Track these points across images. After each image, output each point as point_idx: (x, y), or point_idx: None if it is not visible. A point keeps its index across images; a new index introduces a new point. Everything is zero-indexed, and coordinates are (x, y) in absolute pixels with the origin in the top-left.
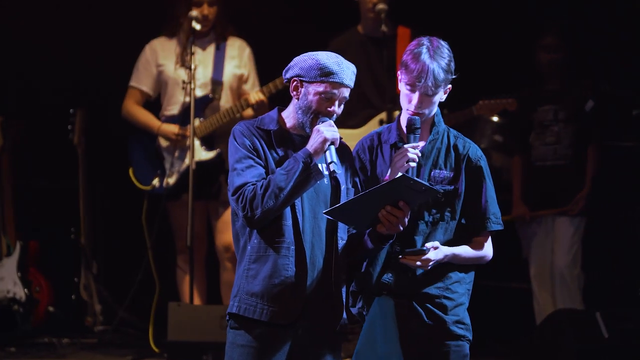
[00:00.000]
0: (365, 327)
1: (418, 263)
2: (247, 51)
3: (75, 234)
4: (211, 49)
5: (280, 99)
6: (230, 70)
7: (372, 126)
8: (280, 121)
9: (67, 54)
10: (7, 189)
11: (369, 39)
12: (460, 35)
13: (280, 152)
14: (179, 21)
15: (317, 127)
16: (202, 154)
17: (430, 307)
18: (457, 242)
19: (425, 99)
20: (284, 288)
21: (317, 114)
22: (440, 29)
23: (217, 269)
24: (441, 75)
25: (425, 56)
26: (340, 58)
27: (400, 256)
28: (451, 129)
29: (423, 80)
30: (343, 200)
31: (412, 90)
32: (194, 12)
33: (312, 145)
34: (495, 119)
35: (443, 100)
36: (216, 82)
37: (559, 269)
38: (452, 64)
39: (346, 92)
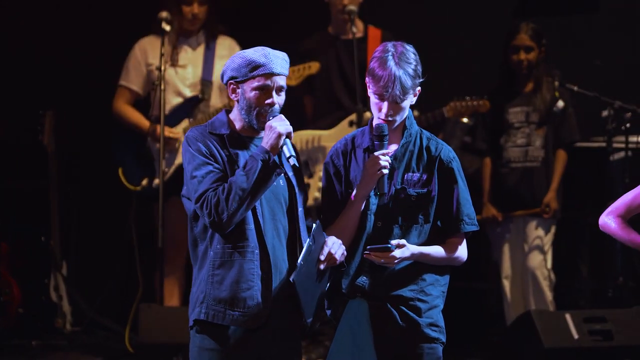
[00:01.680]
0: (339, 330)
1: (382, 260)
2: (236, 50)
3: (45, 236)
4: (201, 48)
5: None
6: (220, 69)
7: (342, 127)
8: (231, 124)
9: (37, 54)
10: None
11: (339, 40)
12: (430, 36)
13: (235, 155)
14: (169, 20)
15: (269, 123)
16: None
17: (404, 309)
18: (432, 245)
19: (395, 106)
20: (251, 293)
21: (259, 109)
22: (411, 29)
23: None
24: (408, 82)
25: (391, 64)
26: (267, 49)
27: (365, 252)
28: (424, 131)
29: (390, 90)
30: (298, 200)
31: (381, 99)
32: (164, 14)
33: (267, 142)
34: (465, 120)
35: (413, 102)
36: (206, 82)
37: (531, 269)
38: (419, 68)
39: (281, 81)
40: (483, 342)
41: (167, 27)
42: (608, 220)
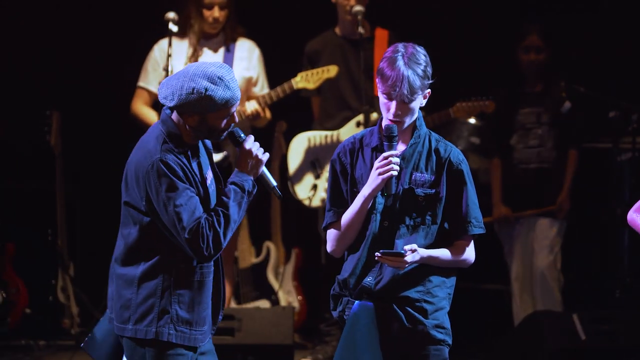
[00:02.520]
0: (346, 331)
1: (390, 263)
2: (256, 53)
3: (53, 236)
4: (221, 51)
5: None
6: (239, 72)
7: (349, 128)
8: (184, 135)
9: (44, 55)
10: None
11: (346, 41)
12: (438, 36)
13: (197, 170)
14: (190, 22)
15: (248, 147)
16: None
17: (411, 310)
18: (439, 246)
19: (403, 106)
20: (208, 312)
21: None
22: (418, 30)
23: None
24: (417, 82)
25: (400, 63)
26: None
27: (377, 254)
28: (433, 133)
29: (398, 89)
30: None
31: (390, 99)
32: (171, 14)
33: (250, 170)
34: (472, 120)
35: (423, 105)
36: None
37: (540, 269)
38: (429, 69)
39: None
40: (490, 342)
41: (175, 28)
42: (636, 216)
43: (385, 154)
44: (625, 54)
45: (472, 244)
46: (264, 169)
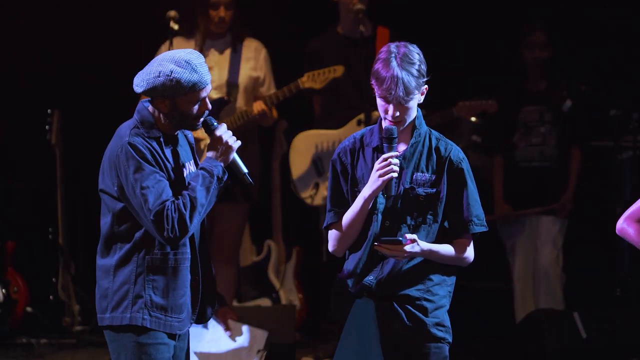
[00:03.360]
0: (346, 329)
1: (389, 251)
2: (263, 53)
3: (53, 235)
4: (227, 51)
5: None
6: (246, 72)
7: (351, 126)
8: (158, 123)
9: (45, 54)
10: None
11: (347, 40)
12: (439, 35)
13: (170, 156)
14: (196, 22)
15: (219, 134)
16: None
17: (411, 309)
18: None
19: (401, 107)
20: (185, 299)
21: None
22: (420, 28)
23: None
24: (412, 82)
25: (393, 64)
26: None
27: (376, 243)
28: (433, 131)
29: (394, 92)
30: None
31: (387, 102)
32: (172, 12)
33: (220, 156)
34: (473, 119)
35: (421, 101)
36: (232, 84)
37: (543, 268)
38: (423, 67)
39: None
40: (491, 341)
41: (176, 27)
42: (625, 226)
43: (384, 156)
44: (626, 51)
45: (472, 243)
46: (234, 155)
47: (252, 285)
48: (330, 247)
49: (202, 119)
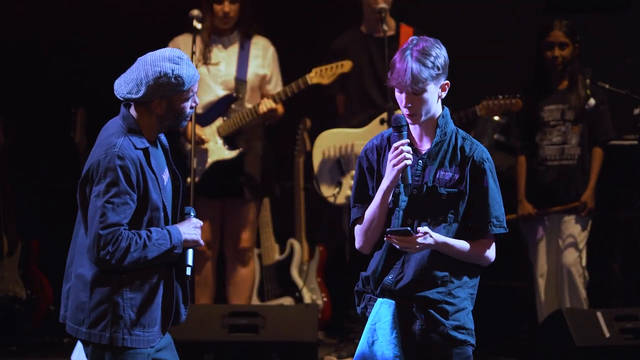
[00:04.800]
0: (367, 328)
1: (400, 243)
2: (271, 51)
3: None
4: (235, 47)
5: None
6: (253, 69)
7: (374, 125)
8: (144, 132)
9: (68, 52)
10: (8, 187)
11: (371, 39)
12: (463, 33)
13: (155, 166)
14: (201, 18)
15: (194, 221)
16: (225, 152)
17: (432, 312)
18: None
19: (413, 98)
20: (158, 312)
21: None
22: (443, 27)
23: (221, 268)
24: (423, 73)
25: (407, 54)
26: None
27: (385, 234)
28: (460, 130)
29: (402, 79)
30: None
31: (400, 91)
32: (195, 11)
33: (188, 235)
34: (496, 118)
35: (443, 97)
36: (240, 81)
37: (566, 267)
38: (440, 61)
39: None
40: (514, 340)
41: (199, 25)
42: None
43: (395, 144)
44: None
45: (493, 244)
46: (191, 252)
47: (275, 284)
48: (357, 244)
49: (188, 118)
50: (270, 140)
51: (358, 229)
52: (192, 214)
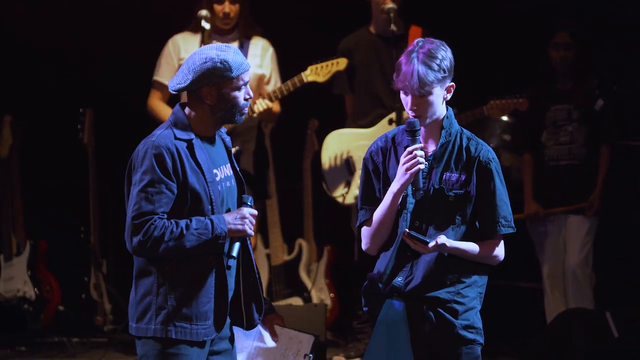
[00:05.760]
0: (376, 329)
1: (414, 244)
2: (269, 51)
3: (85, 234)
4: (234, 46)
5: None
6: (251, 69)
7: (382, 125)
8: (192, 125)
9: (77, 53)
10: (17, 188)
11: (380, 39)
12: (471, 34)
13: (201, 158)
14: (209, 18)
15: (244, 211)
16: None
17: (441, 311)
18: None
19: (419, 100)
20: (210, 305)
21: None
22: (451, 28)
23: None
24: (429, 76)
25: (413, 56)
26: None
27: (405, 231)
28: (465, 131)
29: (408, 82)
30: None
31: (406, 94)
32: (204, 12)
33: (234, 225)
34: (504, 118)
35: (448, 99)
36: None
37: (571, 268)
38: (446, 63)
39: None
40: (522, 340)
41: (207, 26)
42: None
43: (409, 149)
44: None
45: (501, 243)
46: (238, 244)
47: (283, 284)
48: (364, 245)
49: (245, 112)
50: (272, 141)
51: (365, 231)
52: (248, 202)
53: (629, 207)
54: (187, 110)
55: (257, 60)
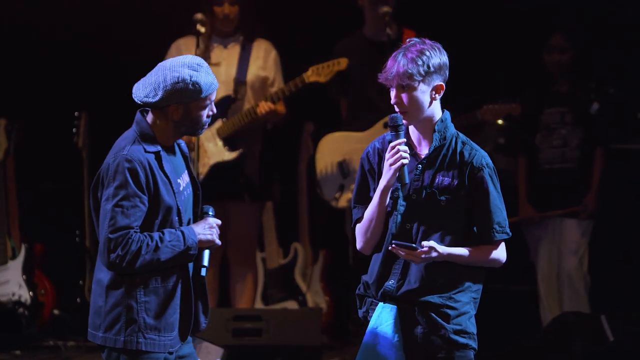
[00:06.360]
0: (368, 332)
1: (404, 254)
2: (273, 54)
3: (80, 237)
4: (236, 48)
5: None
6: (254, 71)
7: (377, 129)
8: (157, 136)
9: (72, 56)
10: (12, 191)
11: (373, 43)
12: (465, 37)
13: (168, 168)
14: (204, 22)
15: (211, 221)
16: (225, 154)
17: (433, 315)
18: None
19: (401, 92)
20: (176, 316)
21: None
22: (446, 31)
23: (225, 271)
24: (412, 69)
25: (400, 53)
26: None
27: (392, 244)
28: (461, 135)
29: (388, 74)
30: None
31: (389, 86)
32: (199, 15)
33: (203, 235)
34: (499, 121)
35: (437, 99)
36: (239, 82)
37: (567, 271)
38: (434, 61)
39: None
40: (518, 344)
41: (202, 29)
42: None
43: (392, 144)
44: None
45: (500, 246)
46: (207, 252)
47: (278, 288)
48: (358, 245)
49: (206, 127)
50: (272, 143)
51: (358, 229)
52: (210, 212)
53: (625, 210)
54: (149, 119)
55: (260, 63)
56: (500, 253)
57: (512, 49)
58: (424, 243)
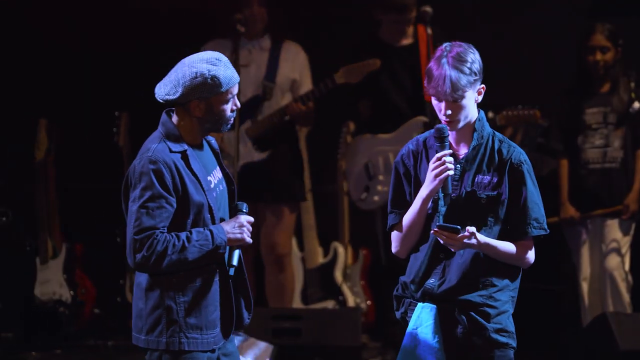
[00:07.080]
0: (408, 333)
1: (445, 238)
2: (301, 56)
3: (120, 236)
4: (265, 50)
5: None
6: (284, 72)
7: (401, 132)
8: (183, 136)
9: (112, 56)
10: (52, 191)
11: (389, 46)
12: (501, 35)
13: (195, 167)
14: (244, 22)
15: (242, 218)
16: (254, 154)
17: (473, 314)
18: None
19: (453, 105)
20: (217, 313)
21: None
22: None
23: (261, 271)
24: (462, 80)
25: (444, 62)
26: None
27: (435, 228)
28: (497, 133)
29: (441, 88)
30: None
31: (439, 100)
32: (239, 15)
33: (232, 234)
34: (540, 121)
35: (479, 101)
36: (268, 83)
37: (608, 271)
38: (476, 66)
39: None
40: (558, 344)
41: (242, 29)
42: None
43: (438, 155)
44: None
45: (532, 245)
46: (238, 251)
47: (318, 287)
48: (394, 249)
49: (231, 122)
50: (308, 143)
51: (395, 235)
52: (243, 209)
53: None
54: (174, 119)
55: (289, 65)
56: (531, 252)
57: (552, 48)
58: (468, 228)
